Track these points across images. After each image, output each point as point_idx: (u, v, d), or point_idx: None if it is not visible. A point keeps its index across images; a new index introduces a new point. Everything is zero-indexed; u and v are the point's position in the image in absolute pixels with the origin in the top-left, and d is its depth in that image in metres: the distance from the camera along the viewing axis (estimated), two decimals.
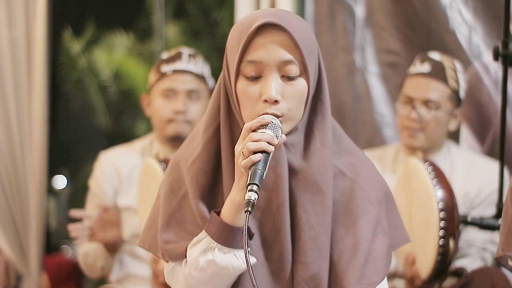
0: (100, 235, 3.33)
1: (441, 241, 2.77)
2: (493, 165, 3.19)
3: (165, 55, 3.49)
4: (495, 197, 3.00)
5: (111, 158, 3.48)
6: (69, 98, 5.33)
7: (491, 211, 3.07)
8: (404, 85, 3.30)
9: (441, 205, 2.79)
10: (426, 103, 3.22)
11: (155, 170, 2.96)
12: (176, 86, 3.39)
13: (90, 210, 3.43)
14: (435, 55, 3.29)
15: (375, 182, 2.01)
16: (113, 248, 3.37)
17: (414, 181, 2.91)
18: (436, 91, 3.22)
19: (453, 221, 2.79)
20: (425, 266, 2.85)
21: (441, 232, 2.77)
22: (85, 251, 3.43)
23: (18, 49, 4.31)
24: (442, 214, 2.78)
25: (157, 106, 3.42)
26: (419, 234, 2.84)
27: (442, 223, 2.78)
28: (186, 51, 3.46)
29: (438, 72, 3.23)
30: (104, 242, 3.35)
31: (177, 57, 3.42)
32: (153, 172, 2.96)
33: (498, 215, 2.86)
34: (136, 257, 3.39)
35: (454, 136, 3.54)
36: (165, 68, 3.41)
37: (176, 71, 3.40)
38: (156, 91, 3.42)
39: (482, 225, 2.88)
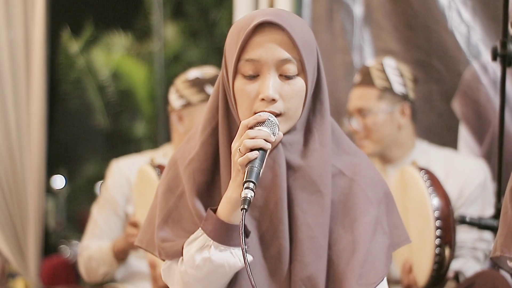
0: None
1: (437, 250, 2.77)
2: (473, 162, 3.23)
3: None
4: (478, 193, 3.01)
5: (122, 167, 3.46)
6: (67, 98, 5.33)
7: (475, 208, 3.08)
8: None
9: (436, 213, 2.78)
10: (359, 111, 3.27)
11: (150, 176, 2.96)
12: None
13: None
14: (370, 62, 3.34)
15: (375, 181, 2.00)
16: (125, 256, 3.36)
17: (410, 189, 2.90)
18: (363, 97, 3.26)
19: (449, 230, 2.78)
20: (421, 274, 2.85)
21: (437, 241, 2.77)
22: (90, 254, 3.40)
23: (16, 49, 4.31)
24: (438, 223, 2.77)
25: None
26: (416, 242, 2.81)
27: (438, 232, 2.77)
28: None
29: (364, 79, 3.27)
30: (129, 247, 3.33)
31: None
32: (148, 178, 2.97)
33: (496, 215, 2.85)
34: (140, 255, 3.39)
35: (453, 136, 3.53)
36: None
37: None
38: None
39: (480, 225, 2.87)
